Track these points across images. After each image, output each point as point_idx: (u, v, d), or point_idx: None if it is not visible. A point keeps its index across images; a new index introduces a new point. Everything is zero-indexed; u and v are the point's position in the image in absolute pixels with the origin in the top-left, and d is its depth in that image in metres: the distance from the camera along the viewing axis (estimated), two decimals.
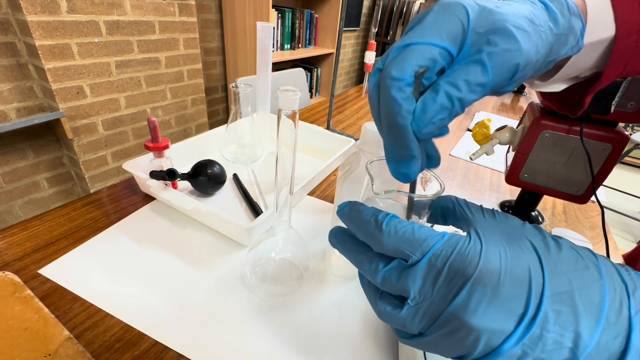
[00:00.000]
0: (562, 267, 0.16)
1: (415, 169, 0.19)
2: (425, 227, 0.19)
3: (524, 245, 0.18)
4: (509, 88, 0.19)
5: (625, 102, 0.41)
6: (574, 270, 0.16)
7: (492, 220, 0.20)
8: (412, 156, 0.18)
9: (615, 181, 2.58)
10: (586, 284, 0.16)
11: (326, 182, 0.66)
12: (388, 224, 0.19)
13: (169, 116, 1.63)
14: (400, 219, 0.19)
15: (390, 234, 0.18)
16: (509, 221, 0.20)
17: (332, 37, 2.46)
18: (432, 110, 0.17)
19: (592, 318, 0.15)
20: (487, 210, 0.21)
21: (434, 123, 0.18)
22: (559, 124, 0.46)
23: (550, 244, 0.18)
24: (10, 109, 1.13)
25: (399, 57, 0.18)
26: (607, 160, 0.46)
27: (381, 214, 0.19)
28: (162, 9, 1.39)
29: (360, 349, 0.35)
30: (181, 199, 0.47)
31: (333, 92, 0.85)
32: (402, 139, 0.18)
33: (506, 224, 0.20)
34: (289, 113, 0.29)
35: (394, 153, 0.19)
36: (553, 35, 0.19)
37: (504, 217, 0.20)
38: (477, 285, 0.16)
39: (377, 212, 0.20)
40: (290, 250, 0.42)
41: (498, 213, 0.21)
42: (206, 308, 0.38)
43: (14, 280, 0.37)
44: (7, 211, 1.25)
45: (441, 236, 0.18)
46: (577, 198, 0.50)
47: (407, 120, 0.17)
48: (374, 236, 0.19)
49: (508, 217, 0.20)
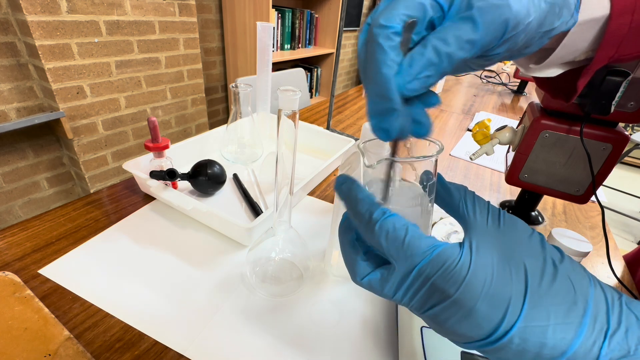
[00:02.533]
0: (547, 300, 0.16)
1: (396, 125, 0.18)
2: (416, 234, 0.18)
3: (516, 270, 0.17)
4: (499, 50, 0.18)
5: (625, 102, 0.41)
6: (558, 304, 0.16)
7: (495, 228, 0.19)
8: (393, 109, 0.18)
9: (615, 181, 2.58)
10: (565, 320, 0.16)
11: (326, 182, 0.66)
12: (381, 227, 0.19)
13: (169, 116, 1.63)
14: (395, 220, 0.19)
15: (381, 237, 0.19)
16: (515, 230, 0.19)
17: (332, 37, 2.46)
18: (419, 64, 0.17)
19: (555, 356, 0.16)
20: (494, 211, 0.20)
21: (420, 79, 0.17)
22: (559, 124, 0.46)
23: (546, 271, 0.17)
24: (10, 109, 1.13)
25: (388, 7, 0.17)
26: (607, 160, 0.46)
27: (376, 211, 0.19)
28: (162, 9, 1.39)
29: (360, 349, 0.35)
30: (181, 199, 0.47)
31: (333, 92, 0.85)
32: (384, 89, 0.17)
33: (510, 234, 0.19)
34: (289, 113, 0.29)
35: (376, 106, 0.18)
36: (546, 3, 0.19)
37: (510, 224, 0.19)
38: (454, 305, 0.17)
39: (372, 207, 0.19)
40: (290, 250, 0.42)
41: (505, 217, 0.20)
42: (206, 308, 0.38)
43: (14, 280, 0.37)
44: (7, 211, 1.25)
45: (430, 251, 0.18)
46: (577, 198, 0.50)
47: (392, 70, 0.17)
48: (366, 232, 0.20)
49: (516, 223, 0.19)
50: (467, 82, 1.77)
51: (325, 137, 0.76)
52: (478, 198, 0.21)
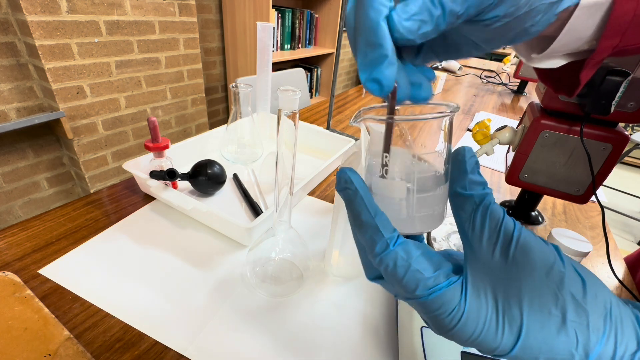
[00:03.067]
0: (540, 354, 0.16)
1: (389, 74, 0.17)
2: (416, 272, 0.18)
3: (510, 323, 0.16)
4: (497, 12, 0.17)
5: (625, 102, 0.41)
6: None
7: (501, 264, 0.17)
8: (385, 56, 0.16)
9: (615, 181, 2.58)
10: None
11: (326, 182, 0.66)
12: (382, 261, 0.18)
13: (169, 116, 1.63)
14: (396, 256, 0.18)
15: (381, 269, 0.19)
16: (527, 265, 0.16)
17: (332, 37, 2.46)
18: (415, 4, 0.16)
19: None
20: (506, 239, 0.17)
21: (414, 20, 0.16)
22: (559, 124, 0.46)
23: (552, 321, 0.16)
24: (10, 109, 1.13)
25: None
26: (607, 160, 0.46)
27: (378, 244, 0.18)
28: (162, 9, 1.39)
29: (360, 349, 0.35)
30: (181, 199, 0.47)
31: (333, 92, 0.85)
32: (374, 34, 0.16)
33: (520, 271, 0.16)
34: (289, 113, 0.29)
35: (366, 57, 0.17)
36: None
37: (523, 258, 0.16)
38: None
39: (375, 236, 0.19)
40: (290, 250, 0.42)
41: (518, 249, 0.17)
42: (206, 308, 0.38)
43: (14, 280, 0.37)
44: (7, 211, 1.25)
45: (426, 294, 0.17)
46: (577, 198, 0.50)
47: (381, 14, 0.16)
48: (369, 254, 0.20)
49: (531, 255, 0.16)
50: (467, 82, 1.77)
51: (325, 137, 0.76)
52: (492, 214, 0.18)
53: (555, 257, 0.16)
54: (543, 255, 0.16)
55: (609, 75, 0.37)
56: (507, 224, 0.17)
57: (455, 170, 0.19)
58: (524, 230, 0.17)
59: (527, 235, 0.17)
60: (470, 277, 0.18)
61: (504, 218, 0.17)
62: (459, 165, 0.19)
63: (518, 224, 0.17)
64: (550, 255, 0.16)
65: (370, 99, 1.27)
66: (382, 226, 0.19)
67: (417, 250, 0.18)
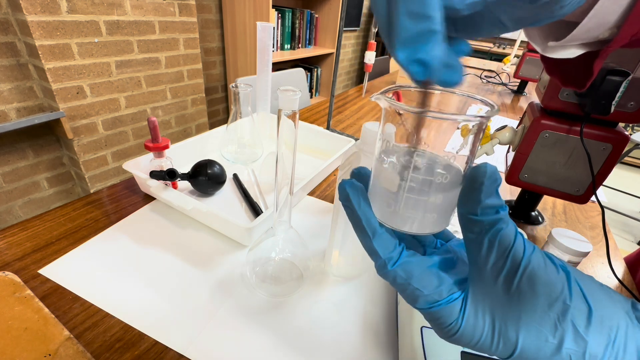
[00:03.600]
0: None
1: (438, 54, 0.14)
2: (417, 289, 0.18)
3: (505, 343, 0.17)
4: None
5: (625, 102, 0.41)
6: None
7: (503, 291, 0.16)
8: (433, 32, 0.14)
9: (615, 181, 2.58)
10: None
11: (326, 182, 0.66)
12: (386, 275, 0.19)
13: (169, 116, 1.63)
14: (396, 275, 0.19)
15: (381, 274, 0.19)
16: (531, 296, 0.16)
17: (332, 37, 2.46)
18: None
19: None
20: (512, 268, 0.16)
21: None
22: (559, 124, 0.46)
23: (546, 347, 0.16)
24: (10, 109, 1.13)
25: None
26: (607, 160, 0.46)
27: (377, 263, 0.19)
28: (162, 9, 1.39)
29: (360, 349, 0.35)
30: (181, 199, 0.47)
31: (333, 92, 0.85)
32: (421, 3, 0.13)
33: (522, 300, 0.16)
34: (289, 113, 0.29)
35: (408, 31, 0.14)
36: None
37: (527, 288, 0.16)
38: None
39: (373, 255, 0.19)
40: (290, 250, 0.42)
41: (523, 281, 0.16)
42: (206, 308, 0.38)
43: (14, 280, 0.37)
44: (7, 211, 1.25)
45: (427, 307, 0.18)
46: (577, 198, 0.50)
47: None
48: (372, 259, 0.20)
49: (537, 286, 0.16)
50: (467, 82, 1.77)
51: (325, 137, 0.75)
52: (502, 239, 0.16)
53: (563, 288, 0.16)
54: (549, 287, 0.16)
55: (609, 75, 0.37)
56: (516, 251, 0.16)
57: (469, 191, 0.17)
58: (534, 257, 0.16)
59: (536, 264, 0.16)
60: (470, 296, 0.18)
61: (514, 244, 0.16)
62: (474, 188, 0.17)
63: (530, 249, 0.16)
64: (558, 286, 0.16)
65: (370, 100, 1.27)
66: (379, 247, 0.19)
67: (419, 268, 0.19)
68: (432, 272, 0.19)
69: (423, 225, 0.20)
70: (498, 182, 0.17)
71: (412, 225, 0.20)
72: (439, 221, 0.20)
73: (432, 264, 0.19)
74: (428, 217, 0.19)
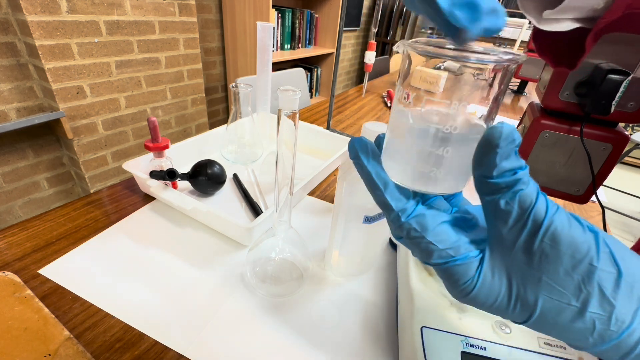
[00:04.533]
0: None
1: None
2: (431, 243, 0.17)
3: (522, 308, 0.16)
4: None
5: (625, 102, 0.41)
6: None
7: (524, 254, 0.16)
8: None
9: (615, 181, 2.58)
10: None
11: (326, 182, 0.66)
12: (396, 230, 0.19)
13: (169, 116, 1.63)
14: (409, 227, 0.18)
15: (397, 234, 0.19)
16: (553, 256, 0.15)
17: (332, 37, 2.46)
18: None
19: None
20: (533, 229, 0.15)
21: None
22: (559, 124, 0.46)
23: (569, 309, 0.15)
24: (10, 109, 1.13)
25: None
26: (607, 160, 0.46)
27: (390, 215, 0.19)
28: (162, 9, 1.39)
29: (360, 349, 0.35)
30: (181, 199, 0.47)
31: (333, 92, 0.85)
32: None
33: (543, 265, 0.15)
34: (289, 113, 0.29)
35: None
36: None
37: (548, 253, 0.15)
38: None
39: (386, 207, 0.19)
40: (290, 250, 0.42)
41: (545, 243, 0.15)
42: (206, 308, 0.38)
43: (14, 280, 0.37)
44: (7, 211, 1.25)
45: (442, 263, 0.17)
46: (577, 198, 0.50)
47: None
48: (386, 218, 0.19)
49: (560, 247, 0.15)
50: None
51: (325, 137, 0.75)
52: (521, 200, 0.15)
53: (589, 248, 0.15)
54: (574, 248, 0.15)
55: (609, 75, 0.37)
56: (538, 211, 0.15)
57: (483, 153, 0.16)
58: (557, 217, 0.15)
59: (559, 224, 0.15)
60: (488, 257, 0.17)
61: (535, 204, 0.15)
62: (489, 151, 0.16)
63: (553, 209, 0.15)
64: (583, 247, 0.15)
65: (370, 99, 1.27)
66: (392, 199, 0.18)
67: (434, 222, 0.18)
68: (448, 227, 0.18)
69: (435, 184, 0.19)
70: (516, 143, 0.15)
71: (428, 183, 0.19)
72: (452, 180, 0.19)
73: (448, 220, 0.18)
74: (437, 173, 0.18)
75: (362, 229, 0.37)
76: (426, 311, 0.32)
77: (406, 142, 0.19)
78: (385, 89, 1.42)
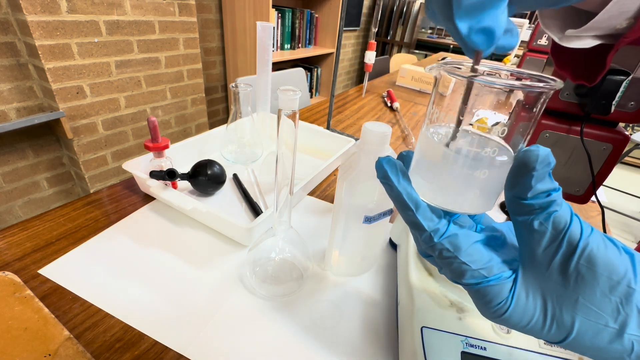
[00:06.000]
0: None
1: (502, 21, 0.14)
2: (463, 264, 0.17)
3: (558, 329, 0.16)
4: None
5: (625, 102, 0.41)
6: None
7: (560, 276, 0.15)
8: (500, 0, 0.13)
9: (615, 181, 2.58)
10: None
11: (326, 182, 0.66)
12: (428, 250, 0.18)
13: (169, 116, 1.63)
14: (442, 248, 0.18)
15: (429, 254, 0.19)
16: (590, 279, 0.15)
17: (332, 37, 2.46)
18: None
19: None
20: (568, 251, 0.15)
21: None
22: (559, 124, 0.46)
23: (606, 331, 0.15)
24: (10, 109, 1.13)
25: None
26: (608, 160, 0.46)
27: (422, 236, 0.18)
28: (162, 9, 1.39)
29: (360, 349, 0.35)
30: (181, 199, 0.47)
31: (333, 92, 0.85)
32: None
33: (579, 284, 0.15)
34: (289, 113, 0.29)
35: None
36: None
37: (585, 275, 0.15)
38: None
39: (418, 228, 0.18)
40: (290, 250, 0.42)
41: (581, 265, 0.15)
42: (206, 308, 0.38)
43: (14, 280, 0.37)
44: (7, 211, 1.25)
45: (475, 283, 0.17)
46: (577, 198, 0.50)
47: None
48: (416, 239, 0.19)
49: (596, 270, 0.15)
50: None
51: (325, 137, 0.75)
52: (555, 221, 0.15)
53: (627, 270, 0.15)
54: (611, 269, 0.15)
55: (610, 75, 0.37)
56: (573, 233, 0.15)
57: (518, 175, 0.16)
58: (593, 239, 0.15)
59: (595, 246, 0.15)
60: (521, 277, 0.17)
61: (570, 226, 0.15)
62: (525, 173, 0.16)
63: (587, 231, 0.15)
64: (621, 269, 0.15)
65: (371, 99, 1.27)
66: (424, 219, 0.18)
67: (466, 242, 0.18)
68: (481, 247, 0.18)
69: (467, 203, 0.19)
70: (551, 166, 0.16)
71: (454, 201, 0.19)
72: (483, 200, 0.19)
73: (480, 240, 0.18)
74: (472, 194, 0.19)
75: (362, 229, 0.37)
76: (426, 311, 0.32)
77: (441, 163, 0.19)
78: (385, 89, 1.42)
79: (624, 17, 0.21)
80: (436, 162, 0.19)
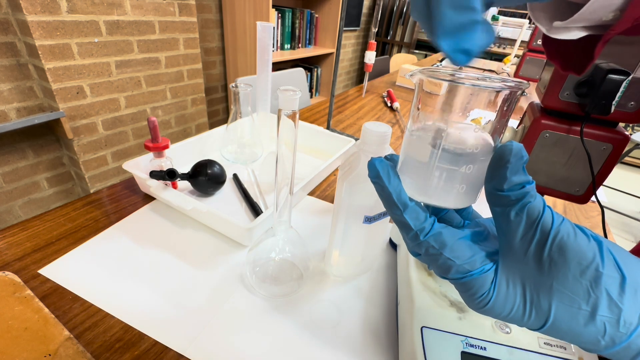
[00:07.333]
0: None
1: (480, 42, 0.15)
2: (449, 259, 0.18)
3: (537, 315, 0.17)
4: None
5: (625, 102, 0.41)
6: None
7: (535, 261, 0.17)
8: (476, 22, 0.15)
9: (615, 181, 2.58)
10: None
11: (326, 182, 0.66)
12: (415, 248, 0.19)
13: (169, 116, 1.63)
14: (428, 245, 0.19)
15: (416, 252, 0.20)
16: (562, 264, 0.16)
17: (332, 37, 2.46)
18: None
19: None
20: (542, 237, 0.16)
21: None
22: (559, 124, 0.46)
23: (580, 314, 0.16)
24: (10, 109, 1.13)
25: None
26: (608, 160, 0.46)
27: (409, 235, 0.19)
28: (162, 9, 1.39)
29: (360, 349, 0.35)
30: (181, 199, 0.47)
31: (333, 92, 0.85)
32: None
33: (553, 269, 0.16)
34: (289, 113, 0.29)
35: (451, 21, 0.15)
36: None
37: (558, 256, 0.16)
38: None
39: (404, 227, 0.19)
40: (290, 250, 0.42)
41: (553, 248, 0.16)
42: (206, 308, 0.38)
43: (14, 280, 0.37)
44: (7, 211, 1.25)
45: (459, 277, 0.18)
46: (577, 198, 0.50)
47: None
48: (403, 238, 0.20)
49: (567, 254, 0.16)
50: None
51: (325, 137, 0.75)
52: (529, 211, 0.17)
53: (595, 255, 0.16)
54: (580, 255, 0.16)
55: (610, 75, 0.37)
56: (545, 222, 0.17)
57: (495, 168, 0.18)
58: (563, 227, 0.16)
59: (566, 234, 0.16)
60: (501, 268, 0.18)
61: (543, 215, 0.17)
62: (500, 165, 0.17)
63: (558, 220, 0.17)
64: (589, 254, 0.16)
65: (371, 99, 1.27)
66: (411, 219, 0.19)
67: (451, 239, 0.19)
68: (464, 243, 0.19)
69: (452, 198, 0.20)
70: (524, 160, 0.17)
71: (441, 197, 0.20)
72: (468, 195, 0.20)
73: (463, 236, 0.19)
74: (457, 189, 0.20)
75: (362, 229, 0.37)
76: (426, 311, 0.32)
77: (425, 161, 0.20)
78: (385, 88, 1.42)
79: (609, 10, 0.22)
80: (422, 161, 0.20)
